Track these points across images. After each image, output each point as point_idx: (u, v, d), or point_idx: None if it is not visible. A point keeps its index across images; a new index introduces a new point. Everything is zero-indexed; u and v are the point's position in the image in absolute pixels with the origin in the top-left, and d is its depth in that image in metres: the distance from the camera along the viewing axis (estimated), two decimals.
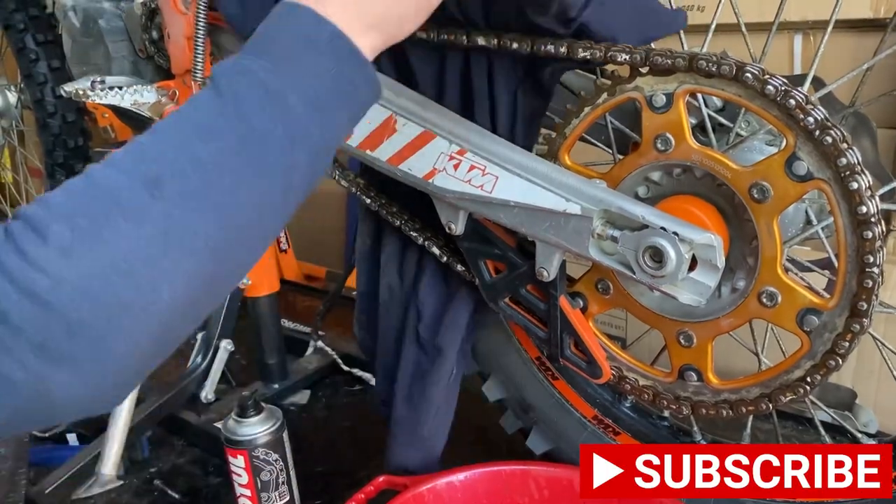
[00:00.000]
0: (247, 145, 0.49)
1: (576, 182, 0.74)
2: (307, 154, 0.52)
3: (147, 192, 0.45)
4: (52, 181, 1.81)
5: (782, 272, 0.70)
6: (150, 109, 1.13)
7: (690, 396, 0.80)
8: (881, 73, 1.15)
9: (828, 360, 0.70)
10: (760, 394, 0.76)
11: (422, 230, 0.93)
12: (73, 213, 0.45)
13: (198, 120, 0.49)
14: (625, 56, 0.72)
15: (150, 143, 0.49)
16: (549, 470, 0.96)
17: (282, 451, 0.98)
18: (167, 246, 0.45)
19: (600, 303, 0.84)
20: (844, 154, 0.65)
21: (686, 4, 1.32)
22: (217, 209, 0.47)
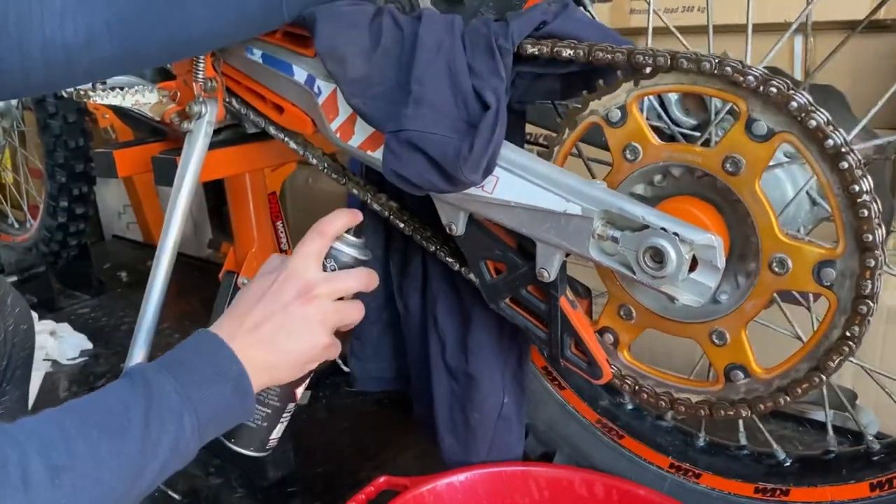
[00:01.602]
0: (141, 453, 0.57)
1: (576, 183, 0.74)
2: (176, 464, 0.60)
3: (49, 479, 0.51)
4: (53, 182, 1.82)
5: (782, 235, 0.69)
6: (152, 110, 1.12)
7: (745, 397, 0.76)
8: (881, 74, 1.15)
9: (858, 307, 0.67)
10: (809, 368, 0.72)
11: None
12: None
13: (112, 414, 0.57)
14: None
15: (66, 429, 0.54)
16: (550, 471, 0.96)
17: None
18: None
19: (628, 330, 0.82)
20: (793, 98, 0.64)
21: (686, 5, 1.32)
22: (96, 501, 0.54)
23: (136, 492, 0.58)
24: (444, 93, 0.74)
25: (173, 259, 1.01)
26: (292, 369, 0.70)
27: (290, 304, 0.68)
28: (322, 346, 0.70)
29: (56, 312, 1.95)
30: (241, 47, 1.02)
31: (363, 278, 0.75)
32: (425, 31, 0.75)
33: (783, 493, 0.84)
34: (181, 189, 1.04)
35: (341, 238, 0.76)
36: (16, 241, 2.05)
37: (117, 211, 2.53)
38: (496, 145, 0.73)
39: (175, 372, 0.61)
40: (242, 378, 0.64)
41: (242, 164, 1.23)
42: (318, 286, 0.70)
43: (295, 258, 0.72)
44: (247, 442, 0.76)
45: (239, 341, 0.65)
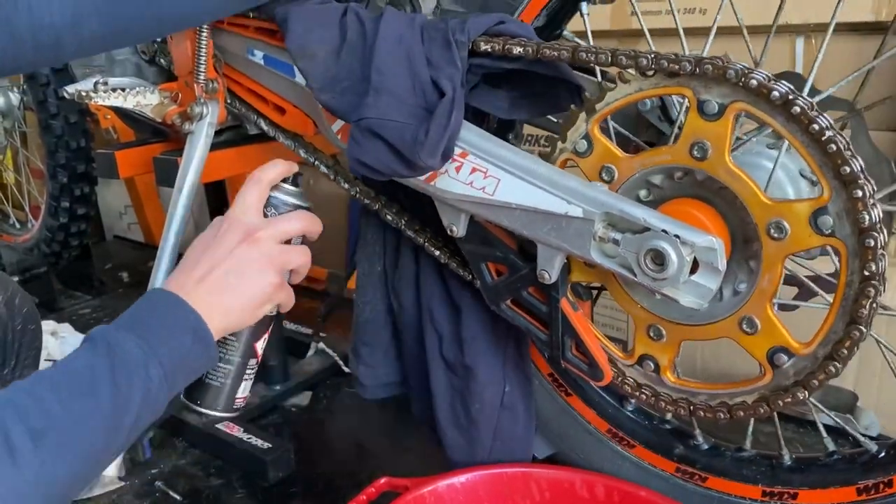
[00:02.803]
0: (114, 406, 0.58)
1: (577, 185, 0.74)
2: (149, 412, 0.62)
3: (32, 442, 0.53)
4: (55, 182, 1.82)
5: (768, 200, 0.70)
6: (153, 111, 1.13)
7: (797, 378, 0.73)
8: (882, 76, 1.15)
9: (866, 241, 0.66)
10: (845, 324, 0.70)
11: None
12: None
13: (79, 376, 0.59)
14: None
15: (38, 394, 0.56)
16: (551, 472, 0.96)
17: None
18: (37, 490, 0.53)
19: (664, 350, 0.80)
20: (729, 68, 0.66)
21: (687, 7, 1.32)
22: (80, 457, 0.56)
23: (116, 445, 0.60)
24: (402, 81, 0.77)
25: (174, 260, 1.02)
26: (246, 311, 0.70)
27: (234, 248, 0.70)
28: (272, 284, 0.71)
29: (57, 313, 1.95)
30: (243, 49, 1.02)
31: (304, 220, 0.75)
32: (385, 25, 0.79)
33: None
34: (182, 190, 1.04)
35: (279, 187, 0.77)
36: (17, 241, 2.05)
37: (119, 211, 2.53)
38: (453, 131, 0.76)
39: (133, 328, 0.63)
40: (200, 325, 0.65)
41: (243, 165, 1.23)
42: (260, 229, 0.71)
43: (234, 208, 0.74)
44: (212, 402, 0.76)
45: (191, 293, 0.67)
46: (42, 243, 1.94)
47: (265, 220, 0.73)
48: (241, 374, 0.78)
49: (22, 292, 0.90)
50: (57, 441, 0.54)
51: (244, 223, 0.72)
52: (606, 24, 1.44)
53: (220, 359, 0.75)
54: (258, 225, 0.72)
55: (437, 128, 0.75)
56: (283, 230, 0.73)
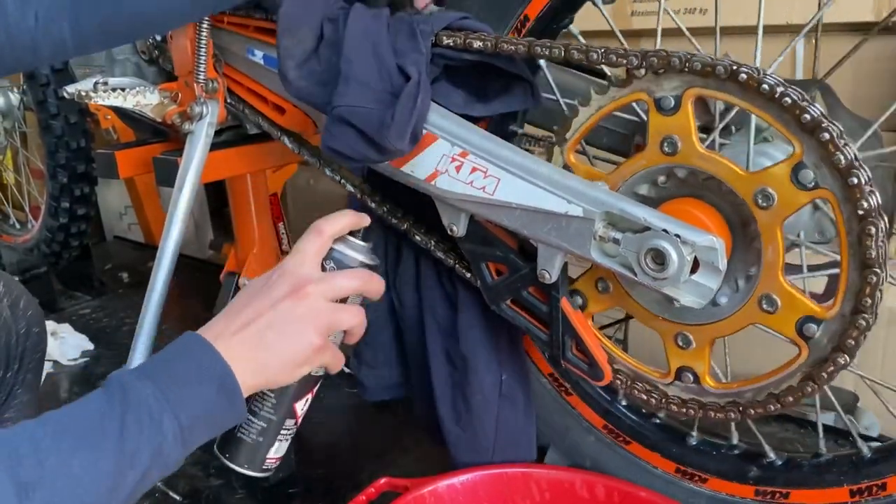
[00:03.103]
0: (118, 463, 0.54)
1: (577, 184, 0.74)
2: (158, 470, 0.57)
3: (17, 497, 0.49)
4: (55, 182, 1.82)
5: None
6: (153, 111, 1.13)
7: (830, 343, 0.71)
8: (882, 77, 1.15)
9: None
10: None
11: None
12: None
13: (88, 424, 0.55)
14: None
15: (38, 442, 0.52)
16: (551, 472, 0.96)
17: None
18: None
19: (695, 357, 0.79)
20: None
21: (688, 7, 1.32)
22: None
23: (116, 501, 0.55)
24: (369, 69, 0.79)
25: (175, 260, 1.02)
26: (281, 370, 0.66)
27: (279, 301, 0.66)
28: (312, 346, 0.66)
29: (57, 313, 1.95)
30: (243, 49, 1.02)
31: (362, 279, 0.71)
32: (353, 18, 0.81)
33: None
34: (182, 190, 1.04)
35: (344, 240, 0.72)
36: (17, 241, 2.05)
37: (119, 212, 2.53)
38: (419, 114, 0.78)
39: (155, 375, 0.59)
40: (227, 377, 0.61)
41: (244, 165, 1.23)
42: (310, 284, 0.67)
43: (291, 257, 0.69)
44: (242, 458, 0.72)
45: (225, 341, 0.63)
46: (42, 244, 1.94)
47: (319, 275, 0.69)
48: (275, 434, 0.72)
49: (27, 295, 0.90)
50: (45, 499, 0.51)
51: (296, 275, 0.67)
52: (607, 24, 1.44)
53: (254, 413, 0.71)
54: (310, 279, 0.67)
55: (404, 110, 0.76)
56: (337, 287, 0.69)
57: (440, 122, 0.81)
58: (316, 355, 0.67)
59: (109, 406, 0.56)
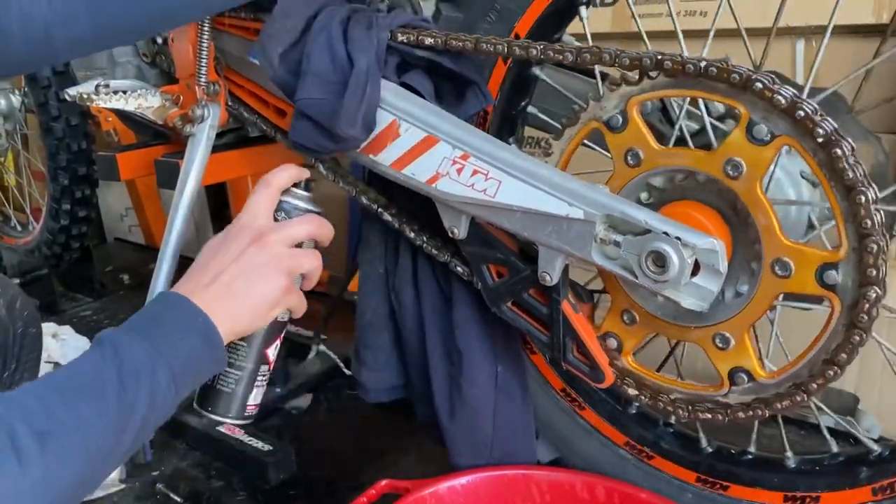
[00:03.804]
0: (120, 409, 0.58)
1: (578, 187, 0.75)
2: (156, 415, 0.61)
3: (38, 444, 0.53)
4: (55, 184, 1.82)
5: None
6: (155, 113, 1.13)
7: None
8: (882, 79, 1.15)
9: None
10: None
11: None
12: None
13: (85, 379, 0.59)
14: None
15: (43, 397, 0.56)
16: (551, 474, 0.96)
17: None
18: (41, 493, 0.53)
19: (725, 357, 0.77)
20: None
21: (688, 9, 1.32)
22: (85, 460, 0.56)
23: (123, 448, 0.59)
24: (323, 61, 0.83)
25: (175, 262, 1.02)
26: (255, 314, 0.70)
27: (243, 252, 0.70)
28: (281, 288, 0.70)
29: (58, 315, 1.95)
30: (244, 51, 1.03)
31: (314, 223, 0.75)
32: (323, 14, 0.86)
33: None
34: (183, 192, 1.04)
35: (290, 192, 0.76)
36: (18, 243, 2.05)
37: (119, 214, 2.53)
38: (369, 101, 0.81)
39: (141, 331, 0.62)
40: (209, 328, 0.65)
41: (245, 168, 1.24)
42: (269, 232, 0.71)
43: (244, 212, 0.73)
44: (224, 408, 0.76)
45: (199, 295, 0.66)
46: (43, 245, 1.94)
47: (275, 224, 0.73)
48: (252, 381, 0.77)
49: (23, 295, 0.90)
50: (62, 444, 0.54)
51: (253, 227, 0.72)
52: (607, 26, 1.44)
53: (230, 364, 0.74)
54: (267, 228, 0.72)
55: (352, 97, 0.80)
56: (292, 234, 0.73)
57: (441, 125, 0.81)
58: (285, 297, 0.71)
59: (104, 360, 0.59)
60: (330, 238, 0.77)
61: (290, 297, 0.72)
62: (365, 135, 0.83)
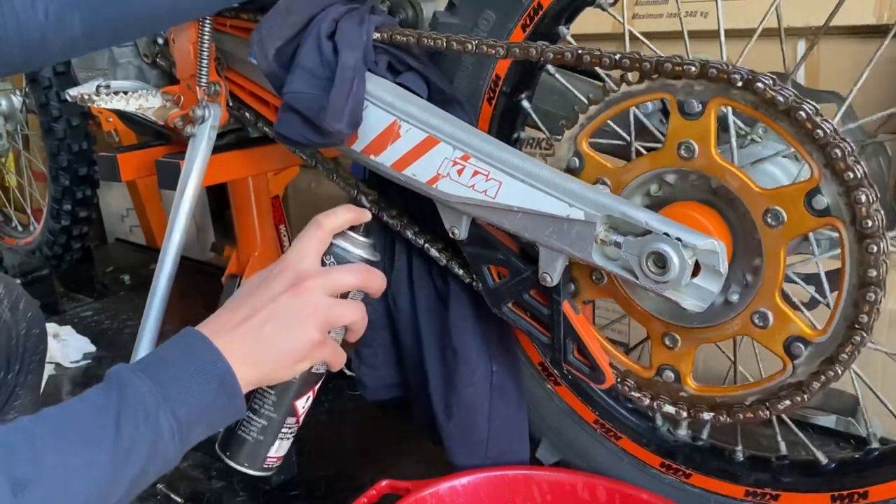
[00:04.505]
0: (114, 458, 0.54)
1: (579, 187, 0.75)
2: (157, 465, 0.58)
3: (12, 495, 0.49)
4: (56, 185, 1.82)
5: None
6: (155, 114, 1.13)
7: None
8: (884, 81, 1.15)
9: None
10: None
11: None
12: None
13: (84, 422, 0.55)
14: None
15: (34, 440, 0.52)
16: (552, 475, 0.96)
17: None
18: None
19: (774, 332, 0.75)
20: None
21: (689, 10, 1.32)
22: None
23: (115, 498, 0.55)
24: (312, 57, 0.85)
25: (176, 262, 1.02)
26: (280, 364, 0.65)
27: (279, 295, 0.65)
28: (312, 341, 0.65)
29: (59, 315, 1.95)
30: (245, 52, 1.03)
31: (362, 274, 0.70)
32: (317, 18, 0.86)
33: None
34: (184, 193, 1.04)
35: (345, 235, 0.72)
36: (19, 244, 2.06)
37: (120, 214, 2.53)
38: (356, 97, 0.83)
39: (153, 372, 0.58)
40: (227, 374, 0.60)
41: (246, 168, 1.24)
42: (310, 278, 0.66)
43: (290, 251, 0.69)
44: (243, 457, 0.72)
45: (224, 336, 0.62)
46: (44, 246, 1.94)
47: (320, 270, 0.68)
48: (276, 433, 0.72)
49: (27, 296, 0.90)
50: (41, 496, 0.51)
51: (295, 270, 0.66)
52: (607, 27, 1.44)
53: (255, 411, 0.70)
54: (309, 273, 0.66)
55: (339, 93, 0.82)
56: (336, 282, 0.68)
57: (442, 126, 0.81)
58: (315, 350, 0.66)
59: (106, 402, 0.56)
60: (381, 290, 0.72)
61: (321, 351, 0.67)
62: (350, 129, 0.84)
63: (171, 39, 1.11)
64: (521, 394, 0.97)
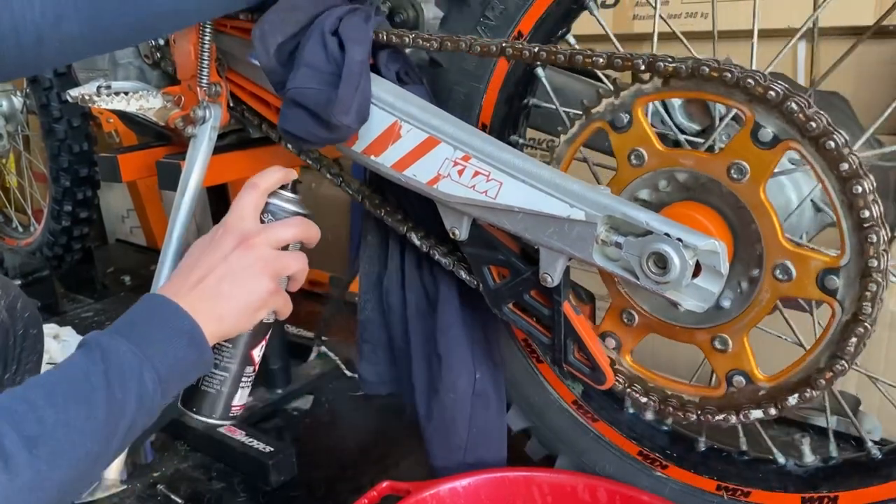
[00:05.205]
0: (108, 412, 0.59)
1: (580, 188, 0.75)
2: (144, 418, 0.62)
3: (26, 450, 0.53)
4: (57, 186, 1.82)
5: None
6: (156, 115, 1.13)
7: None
8: (884, 81, 1.15)
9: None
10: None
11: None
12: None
13: (74, 382, 0.59)
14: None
15: (33, 401, 0.56)
16: (553, 476, 0.96)
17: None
18: (30, 498, 0.54)
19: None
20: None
21: (689, 11, 1.32)
22: (74, 463, 0.57)
23: (111, 450, 0.60)
24: (317, 53, 0.84)
25: (177, 263, 1.02)
26: (240, 316, 0.70)
27: (229, 254, 0.70)
28: (266, 291, 0.71)
29: (59, 316, 1.95)
30: (246, 52, 1.03)
31: (301, 226, 0.75)
32: (321, 17, 0.86)
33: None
34: (185, 193, 1.04)
35: (277, 194, 0.77)
36: (20, 244, 2.06)
37: (121, 215, 2.53)
38: (363, 91, 0.83)
39: (127, 334, 0.63)
40: (195, 330, 0.65)
41: (246, 169, 1.23)
42: (255, 235, 0.71)
43: (230, 214, 0.74)
44: (208, 409, 0.76)
45: (185, 297, 0.67)
46: (44, 247, 1.94)
47: (261, 226, 0.73)
48: (237, 382, 0.77)
49: (24, 296, 0.90)
50: (51, 448, 0.55)
51: (239, 229, 0.72)
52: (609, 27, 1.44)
53: (215, 365, 0.75)
54: (253, 230, 0.72)
55: (347, 87, 0.81)
56: (278, 236, 0.73)
57: (443, 126, 0.81)
58: (270, 299, 0.72)
59: (92, 364, 0.60)
60: (316, 240, 0.77)
61: (275, 299, 0.73)
62: (358, 124, 0.84)
63: (172, 40, 1.11)
64: (501, 401, 0.99)
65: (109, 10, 0.77)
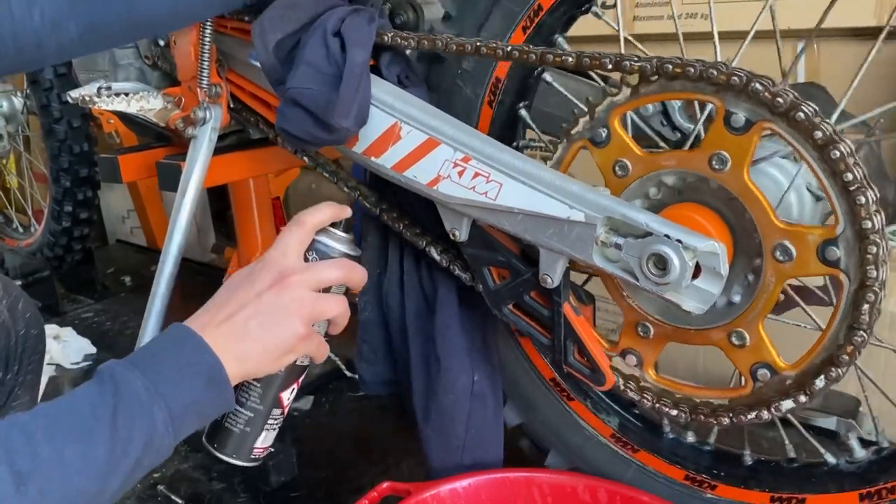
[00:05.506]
0: (110, 451, 0.56)
1: (579, 189, 0.75)
2: (151, 457, 0.59)
3: (14, 486, 0.51)
4: (58, 186, 1.82)
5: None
6: (157, 115, 1.13)
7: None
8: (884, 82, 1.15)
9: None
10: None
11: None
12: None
13: (79, 416, 0.56)
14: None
15: (32, 434, 0.54)
16: (553, 477, 0.96)
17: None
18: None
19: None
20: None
21: (690, 12, 1.32)
22: (64, 502, 0.54)
23: (111, 490, 0.57)
24: (318, 53, 0.84)
25: (177, 264, 1.02)
26: (266, 359, 0.66)
27: (263, 292, 0.66)
28: (297, 335, 0.67)
29: (60, 317, 1.96)
30: (246, 54, 1.03)
31: (345, 269, 0.71)
32: (323, 16, 0.86)
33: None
34: (185, 194, 1.04)
35: (326, 231, 0.73)
36: (20, 245, 2.06)
37: (121, 215, 2.53)
38: (363, 94, 0.82)
39: (144, 367, 0.60)
40: (215, 368, 0.62)
41: (246, 170, 1.24)
42: (293, 274, 0.67)
43: (273, 248, 0.70)
44: (230, 448, 0.73)
45: (211, 333, 0.64)
46: (45, 247, 1.94)
47: (303, 265, 0.69)
48: (262, 424, 0.73)
49: (25, 297, 0.90)
50: (40, 486, 0.52)
51: (279, 266, 0.68)
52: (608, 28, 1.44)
53: (241, 404, 0.71)
54: (292, 269, 0.68)
55: (348, 89, 0.81)
56: (319, 277, 0.69)
57: (443, 128, 0.81)
58: (300, 344, 0.67)
59: (101, 397, 0.57)
60: (362, 284, 0.73)
61: (306, 344, 0.68)
62: (357, 127, 0.83)
63: (173, 41, 1.11)
64: (498, 402, 0.99)
65: (106, 10, 0.77)
